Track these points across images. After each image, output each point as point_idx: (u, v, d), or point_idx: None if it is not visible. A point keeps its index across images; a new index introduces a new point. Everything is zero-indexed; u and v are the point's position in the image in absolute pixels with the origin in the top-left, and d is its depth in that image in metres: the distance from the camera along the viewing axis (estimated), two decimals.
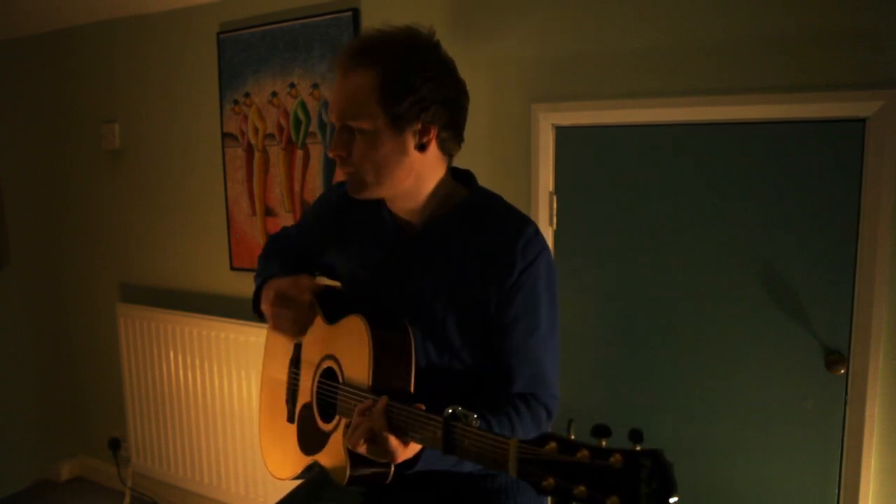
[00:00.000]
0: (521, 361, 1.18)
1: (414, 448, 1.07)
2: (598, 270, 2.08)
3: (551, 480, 0.81)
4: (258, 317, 1.40)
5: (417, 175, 1.19)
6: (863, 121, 1.72)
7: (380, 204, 1.28)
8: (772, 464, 1.91)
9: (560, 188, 2.10)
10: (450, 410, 0.97)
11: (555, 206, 2.10)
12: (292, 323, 1.30)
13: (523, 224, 1.19)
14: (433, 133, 1.17)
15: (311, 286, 1.30)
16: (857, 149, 1.74)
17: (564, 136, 2.09)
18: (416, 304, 1.21)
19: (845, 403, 1.80)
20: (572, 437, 0.83)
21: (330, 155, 1.20)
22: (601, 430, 0.79)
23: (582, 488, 0.78)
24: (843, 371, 1.79)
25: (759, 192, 1.86)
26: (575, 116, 2.04)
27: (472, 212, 1.22)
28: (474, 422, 0.95)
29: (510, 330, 1.17)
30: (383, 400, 1.05)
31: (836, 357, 1.79)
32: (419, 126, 1.15)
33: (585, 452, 0.79)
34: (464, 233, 1.21)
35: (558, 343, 1.25)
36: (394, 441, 1.04)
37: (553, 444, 0.82)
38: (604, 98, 1.98)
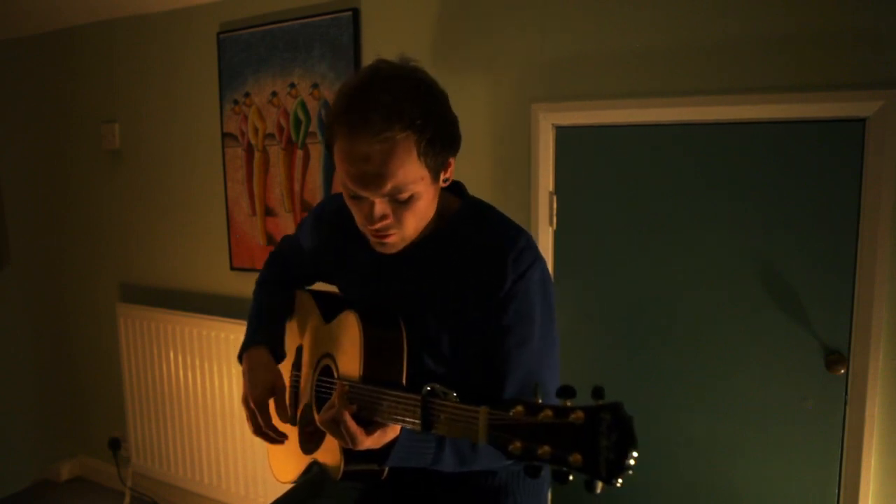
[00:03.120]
0: (512, 371, 1.16)
1: (383, 439, 1.07)
2: (598, 270, 2.08)
3: (518, 444, 0.81)
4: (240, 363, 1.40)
5: (435, 207, 1.19)
6: (863, 121, 1.72)
7: None
8: (772, 464, 1.91)
9: (560, 188, 2.10)
10: (428, 388, 0.97)
11: (555, 206, 2.10)
12: (258, 432, 1.31)
13: (514, 236, 1.18)
14: (453, 164, 1.16)
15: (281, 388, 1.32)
16: (857, 149, 1.74)
17: (564, 136, 2.09)
18: (410, 317, 1.20)
19: (845, 403, 1.80)
20: (539, 400, 0.83)
21: (374, 227, 1.11)
22: (566, 391, 0.80)
23: (546, 448, 0.78)
24: (843, 371, 1.79)
25: (759, 192, 1.86)
26: (575, 116, 2.04)
27: (464, 224, 1.21)
28: (453, 398, 0.95)
29: (501, 341, 1.16)
30: (346, 384, 1.06)
31: (836, 357, 1.79)
32: (447, 164, 1.14)
33: (549, 412, 0.80)
34: (456, 246, 1.19)
35: (556, 355, 1.23)
36: (353, 427, 1.04)
37: (520, 408, 0.83)
38: (604, 98, 1.98)
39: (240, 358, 1.39)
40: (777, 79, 1.77)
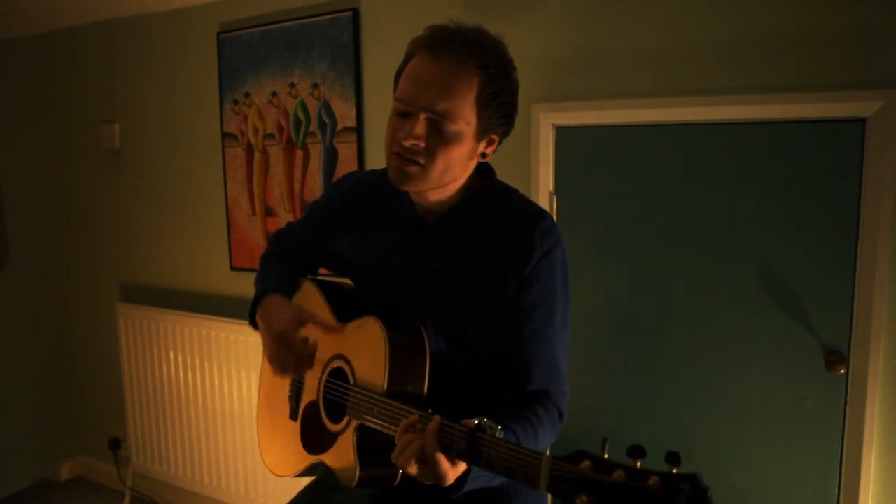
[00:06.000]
0: (537, 352, 1.17)
1: (460, 468, 1.03)
2: (598, 270, 2.08)
3: (584, 498, 0.81)
4: (253, 327, 1.36)
5: (464, 174, 1.20)
6: (863, 121, 1.72)
7: (401, 192, 1.25)
8: (772, 464, 1.91)
9: (560, 188, 2.10)
10: (476, 422, 0.96)
11: (555, 206, 2.10)
12: (287, 368, 1.26)
13: (541, 215, 1.21)
14: (496, 144, 1.20)
15: (312, 319, 1.27)
16: (857, 149, 1.74)
17: (564, 136, 2.09)
18: (429, 290, 1.20)
19: (845, 403, 1.80)
20: (606, 456, 0.82)
21: (406, 143, 1.10)
22: (637, 451, 0.79)
23: None
24: (843, 371, 1.79)
25: (758, 192, 1.86)
26: (575, 116, 2.04)
27: (491, 202, 1.23)
28: (498, 433, 0.94)
29: (528, 318, 1.17)
30: (436, 420, 1.00)
31: (836, 357, 1.79)
32: (491, 137, 1.17)
33: (621, 473, 0.79)
34: (482, 221, 1.21)
35: (569, 337, 1.25)
36: (445, 463, 0.99)
37: (588, 463, 0.82)
38: (604, 98, 1.98)
39: (252, 319, 1.35)
40: (777, 79, 1.77)
